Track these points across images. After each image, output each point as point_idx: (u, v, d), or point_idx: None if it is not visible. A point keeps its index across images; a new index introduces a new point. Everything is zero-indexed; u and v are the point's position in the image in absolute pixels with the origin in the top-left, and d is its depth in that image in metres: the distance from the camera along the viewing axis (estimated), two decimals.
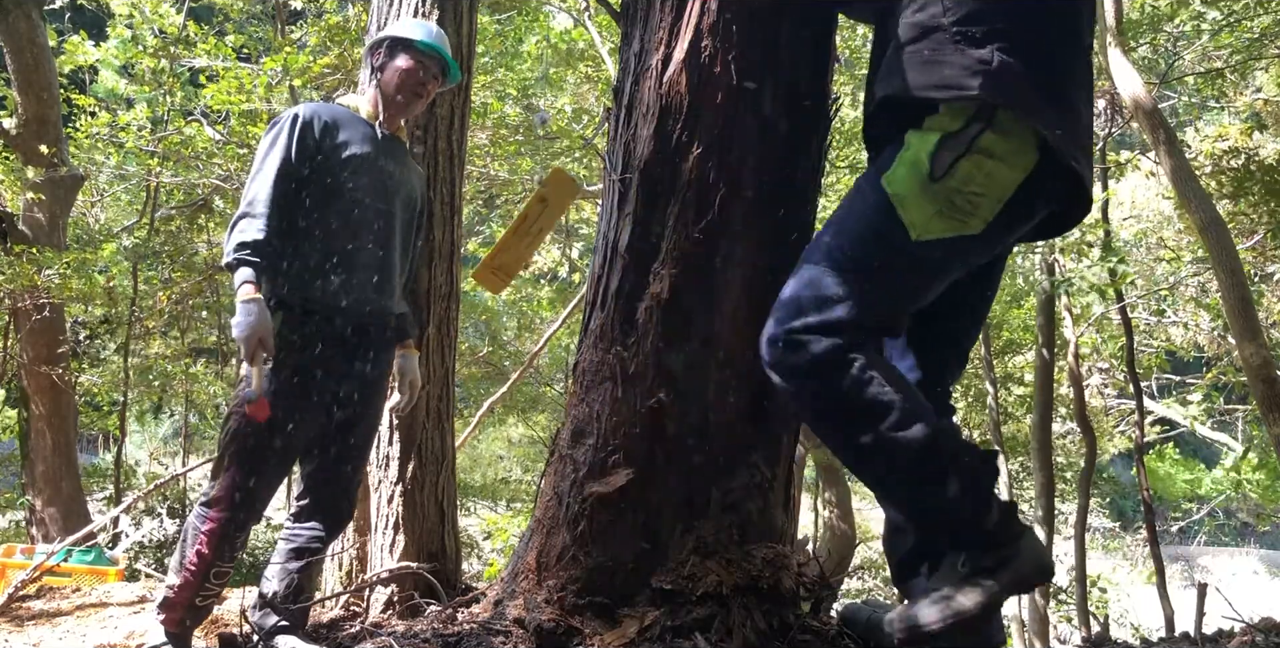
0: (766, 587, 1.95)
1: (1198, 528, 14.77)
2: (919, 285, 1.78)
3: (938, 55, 1.73)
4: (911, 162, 1.73)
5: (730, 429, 2.07)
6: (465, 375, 8.64)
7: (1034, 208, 1.78)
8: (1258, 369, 5.75)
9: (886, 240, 1.73)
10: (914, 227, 1.71)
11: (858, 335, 1.71)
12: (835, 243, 1.76)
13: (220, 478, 2.42)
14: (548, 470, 2.22)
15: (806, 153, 2.15)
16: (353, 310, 2.52)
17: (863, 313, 1.71)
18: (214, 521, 2.39)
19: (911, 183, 1.72)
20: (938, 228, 1.71)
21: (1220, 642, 2.35)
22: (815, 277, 1.74)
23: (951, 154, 1.70)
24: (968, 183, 1.70)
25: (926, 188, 1.71)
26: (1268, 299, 9.08)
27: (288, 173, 2.44)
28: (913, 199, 1.71)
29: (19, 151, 6.49)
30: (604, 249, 2.19)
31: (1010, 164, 1.70)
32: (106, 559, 4.26)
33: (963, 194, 1.70)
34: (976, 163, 1.69)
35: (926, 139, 1.73)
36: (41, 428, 6.65)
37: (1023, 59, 1.71)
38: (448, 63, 2.72)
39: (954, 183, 1.70)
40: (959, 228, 1.72)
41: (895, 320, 1.78)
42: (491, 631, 2.04)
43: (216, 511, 2.39)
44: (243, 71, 6.34)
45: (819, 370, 1.69)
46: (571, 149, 7.62)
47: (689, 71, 2.06)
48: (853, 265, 1.72)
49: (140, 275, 7.44)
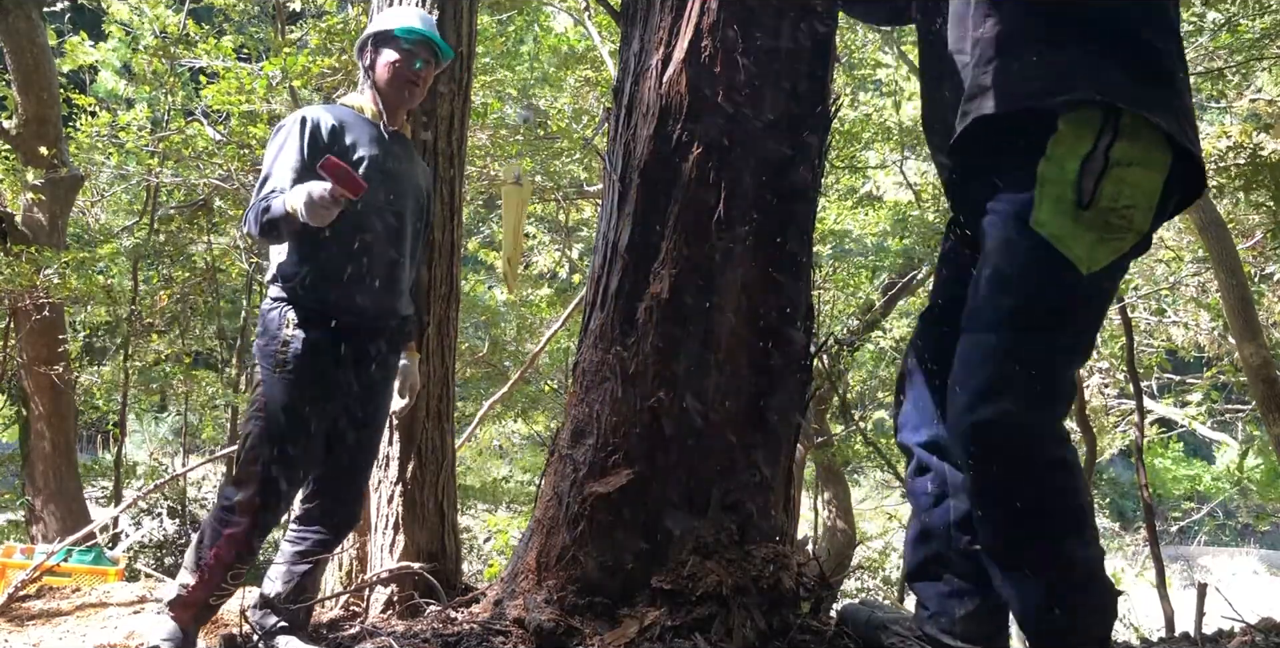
0: (766, 587, 1.95)
1: (1198, 528, 14.77)
2: (1099, 315, 1.72)
3: (1034, 66, 1.65)
4: (1056, 197, 1.62)
5: (730, 429, 2.08)
6: (466, 376, 8.64)
7: (1169, 200, 1.72)
8: (1258, 369, 5.76)
9: (1061, 284, 1.63)
10: (1082, 261, 1.61)
11: (1063, 406, 1.65)
12: (1010, 303, 1.65)
13: (243, 482, 2.40)
14: (548, 470, 2.22)
15: (806, 153, 2.15)
16: (367, 314, 2.51)
17: (1066, 371, 1.65)
18: (237, 525, 2.37)
19: (1064, 218, 1.62)
20: (1104, 255, 1.63)
21: (1220, 642, 2.35)
22: (1006, 345, 1.63)
23: (1093, 176, 1.60)
24: (1117, 199, 1.61)
25: (1080, 219, 1.61)
26: (1268, 299, 9.07)
27: (301, 175, 2.40)
28: (1071, 234, 1.61)
29: (19, 151, 6.48)
30: (604, 249, 2.19)
31: (1148, 166, 1.63)
32: (106, 559, 4.25)
33: (1116, 212, 1.62)
34: (1118, 177, 1.61)
35: (1064, 168, 1.62)
36: (41, 428, 6.65)
37: (1123, 54, 1.63)
38: (436, 44, 2.64)
39: (1104, 204, 1.61)
40: (1120, 246, 1.64)
41: (1086, 356, 1.73)
42: (491, 631, 2.04)
43: (239, 515, 2.38)
44: (243, 72, 6.34)
45: (1030, 453, 1.62)
46: (571, 149, 7.62)
47: (689, 71, 2.06)
48: (1040, 323, 1.63)
49: (140, 276, 7.44)
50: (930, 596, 1.90)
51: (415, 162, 2.74)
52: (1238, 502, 12.53)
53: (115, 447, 8.09)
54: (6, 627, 3.44)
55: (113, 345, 8.12)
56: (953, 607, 1.86)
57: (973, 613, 1.85)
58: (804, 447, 7.47)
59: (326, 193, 2.21)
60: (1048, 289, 1.64)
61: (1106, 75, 1.61)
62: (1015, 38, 1.68)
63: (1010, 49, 1.68)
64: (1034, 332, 1.62)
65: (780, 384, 2.13)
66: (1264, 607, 3.09)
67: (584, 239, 10.01)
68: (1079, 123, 1.62)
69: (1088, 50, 1.63)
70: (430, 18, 2.75)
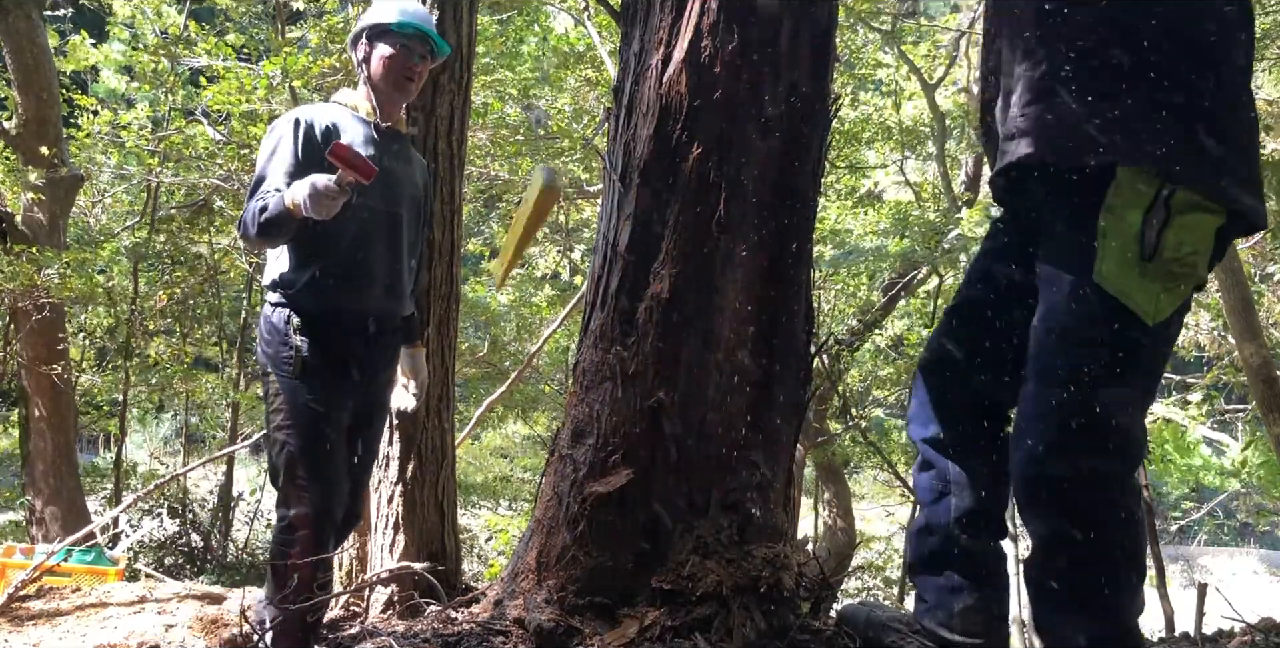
0: (766, 587, 1.95)
1: (1198, 528, 14.76)
2: (1164, 362, 1.68)
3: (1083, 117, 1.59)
4: (1120, 249, 1.57)
5: (730, 429, 2.08)
6: (466, 376, 8.64)
7: (1227, 240, 1.68)
8: (1258, 369, 5.76)
9: (1127, 338, 1.59)
10: (1148, 314, 1.58)
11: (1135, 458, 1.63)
12: (1076, 358, 1.61)
13: (290, 497, 2.38)
14: (548, 470, 2.22)
15: (806, 153, 2.15)
16: (368, 316, 2.49)
17: (1137, 422, 1.63)
18: (301, 541, 2.35)
19: (1128, 271, 1.57)
20: (1168, 304, 1.59)
21: (1220, 642, 2.35)
22: (1076, 401, 1.59)
23: (1155, 228, 1.55)
24: (1180, 248, 1.57)
25: (1145, 270, 1.57)
26: (1268, 299, 9.07)
27: (296, 176, 2.35)
28: (1137, 287, 1.57)
29: (19, 152, 6.49)
30: (604, 249, 2.19)
31: (1207, 210, 1.58)
32: (106, 559, 4.25)
33: (1179, 261, 1.57)
34: (1181, 225, 1.56)
35: (1126, 219, 1.57)
36: (41, 428, 6.65)
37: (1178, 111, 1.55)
38: (433, 38, 2.56)
39: (1168, 254, 1.56)
40: (1183, 294, 1.61)
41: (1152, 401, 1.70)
42: (491, 631, 2.04)
43: (300, 530, 2.36)
44: (243, 72, 6.34)
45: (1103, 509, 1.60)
46: (572, 149, 7.62)
47: (689, 71, 2.06)
48: (1108, 378, 1.60)
49: (141, 277, 7.44)
50: (930, 589, 1.91)
51: (411, 159, 2.69)
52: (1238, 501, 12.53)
53: (115, 447, 8.09)
54: (6, 627, 3.44)
55: (112, 347, 8.12)
56: (951, 601, 1.87)
57: (971, 607, 1.85)
58: (804, 447, 7.47)
59: (332, 182, 2.18)
60: (1115, 343, 1.60)
61: (1160, 136, 1.55)
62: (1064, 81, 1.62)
63: (1058, 94, 1.62)
64: (1102, 387, 1.59)
65: (780, 384, 2.13)
66: (1264, 607, 3.09)
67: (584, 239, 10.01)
68: (1138, 171, 1.57)
69: (1141, 103, 1.56)
70: (425, 11, 2.69)
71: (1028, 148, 1.65)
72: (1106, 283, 1.58)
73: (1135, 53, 1.58)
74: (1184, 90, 1.57)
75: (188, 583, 4.58)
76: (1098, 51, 1.61)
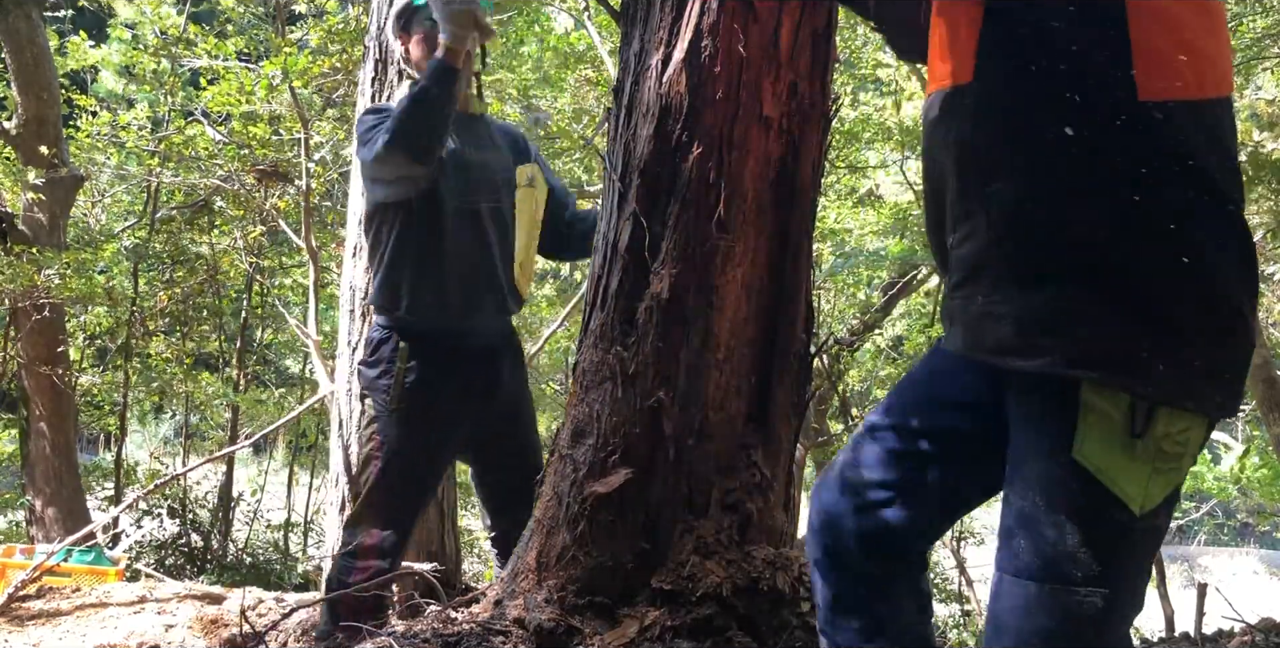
0: (767, 587, 1.95)
1: (1198, 528, 14.77)
2: (1151, 558, 1.42)
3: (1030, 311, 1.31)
4: (1103, 428, 1.31)
5: (730, 429, 2.08)
6: None
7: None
8: (1258, 369, 5.76)
9: (1110, 527, 1.33)
10: (1134, 500, 1.31)
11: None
12: (1049, 549, 1.34)
13: (366, 525, 2.31)
14: (548, 471, 2.22)
15: (806, 153, 2.15)
16: (477, 332, 2.40)
17: (1118, 629, 1.37)
18: (363, 570, 2.29)
19: (1112, 450, 1.31)
20: (1159, 490, 1.32)
21: (1220, 642, 2.36)
22: (1048, 599, 1.34)
23: (1147, 401, 1.29)
24: (1173, 423, 1.31)
25: (1133, 449, 1.31)
26: (1268, 299, 9.07)
27: None
28: (1122, 470, 1.31)
29: (19, 152, 6.49)
30: (604, 249, 2.19)
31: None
32: (106, 559, 4.25)
33: (1171, 438, 1.31)
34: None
35: (1115, 399, 1.30)
36: (41, 428, 6.65)
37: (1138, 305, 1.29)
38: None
39: (1160, 430, 1.29)
40: (1176, 478, 1.35)
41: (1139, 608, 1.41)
42: (491, 631, 2.04)
43: (365, 558, 2.30)
44: (243, 72, 6.35)
45: None
46: (572, 149, 7.62)
47: (689, 71, 2.06)
48: (1085, 574, 1.33)
49: (141, 277, 7.44)
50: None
51: (496, 139, 2.49)
52: (1238, 501, 12.54)
53: (115, 447, 8.09)
54: (6, 627, 3.44)
55: (112, 347, 8.12)
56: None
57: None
58: (804, 447, 7.47)
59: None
60: (1094, 534, 1.33)
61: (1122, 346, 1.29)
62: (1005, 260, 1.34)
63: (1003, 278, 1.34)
64: (1078, 585, 1.33)
65: (780, 384, 2.14)
66: (1264, 607, 3.09)
67: None
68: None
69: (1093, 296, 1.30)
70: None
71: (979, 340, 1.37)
72: (1086, 461, 1.32)
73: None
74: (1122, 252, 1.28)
75: (188, 583, 4.59)
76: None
